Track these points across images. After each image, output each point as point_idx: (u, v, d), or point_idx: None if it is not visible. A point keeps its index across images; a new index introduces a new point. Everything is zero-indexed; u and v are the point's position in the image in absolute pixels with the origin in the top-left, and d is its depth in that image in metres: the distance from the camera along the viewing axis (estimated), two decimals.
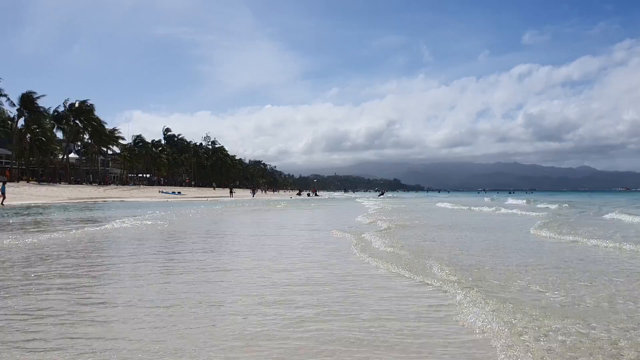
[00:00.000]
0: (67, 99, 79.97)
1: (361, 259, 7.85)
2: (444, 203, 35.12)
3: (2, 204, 31.17)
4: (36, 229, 13.44)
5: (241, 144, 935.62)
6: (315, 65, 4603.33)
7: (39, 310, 4.59)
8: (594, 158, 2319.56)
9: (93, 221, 17.01)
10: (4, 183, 33.78)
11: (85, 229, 13.31)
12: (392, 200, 49.33)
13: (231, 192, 73.41)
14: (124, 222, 15.41)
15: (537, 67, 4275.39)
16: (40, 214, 22.07)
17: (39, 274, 6.46)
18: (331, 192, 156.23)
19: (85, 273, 6.58)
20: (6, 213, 22.16)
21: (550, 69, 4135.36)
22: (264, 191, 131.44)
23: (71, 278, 6.21)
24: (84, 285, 5.76)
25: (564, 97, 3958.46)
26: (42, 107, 73.02)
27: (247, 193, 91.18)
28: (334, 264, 7.33)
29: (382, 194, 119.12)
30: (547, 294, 5.19)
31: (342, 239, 10.80)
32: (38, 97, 71.08)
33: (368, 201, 43.97)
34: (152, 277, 6.32)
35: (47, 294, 5.26)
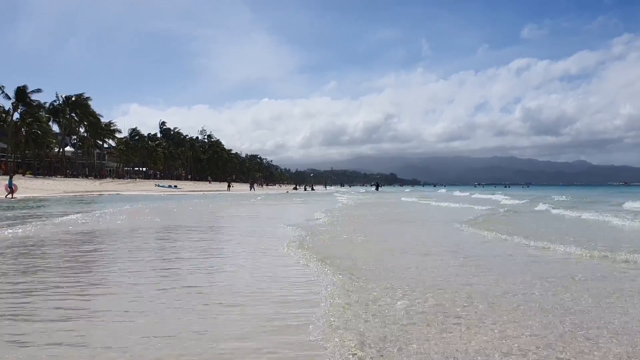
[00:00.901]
0: (59, 93, 79.98)
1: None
2: (412, 197, 35.75)
3: (12, 196, 31.66)
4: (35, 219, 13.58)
5: (238, 137, 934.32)
6: (312, 59, 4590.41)
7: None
8: (590, 152, 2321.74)
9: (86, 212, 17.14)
10: (11, 177, 34.06)
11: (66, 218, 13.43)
12: (371, 195, 49.43)
13: (229, 186, 73.66)
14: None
15: (536, 61, 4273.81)
16: (39, 207, 22.21)
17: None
18: (328, 187, 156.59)
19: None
20: None
21: (549, 63, 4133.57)
22: (261, 185, 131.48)
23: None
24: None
25: (562, 91, 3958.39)
26: (36, 100, 73.00)
27: (244, 187, 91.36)
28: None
29: (378, 188, 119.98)
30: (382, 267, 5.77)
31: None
32: (34, 92, 71.05)
33: (344, 195, 44.59)
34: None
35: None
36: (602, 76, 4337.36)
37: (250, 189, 79.20)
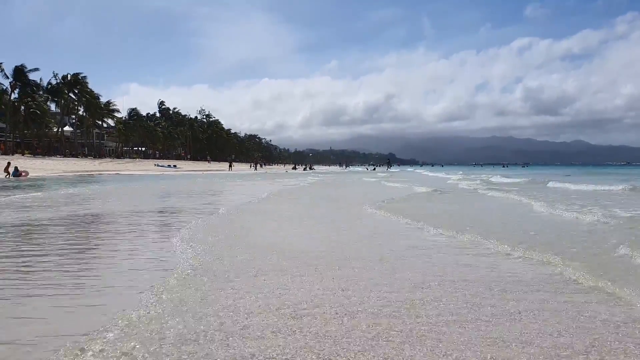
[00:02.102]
0: (56, 72, 79.15)
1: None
2: (371, 178, 37.23)
3: (9, 177, 31.94)
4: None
5: (238, 117, 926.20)
6: (312, 38, 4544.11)
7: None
8: (589, 132, 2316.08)
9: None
10: (16, 168, 33.74)
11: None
12: (340, 175, 49.72)
13: (230, 165, 73.97)
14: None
15: (538, 40, 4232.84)
16: (40, 186, 22.14)
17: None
18: (327, 167, 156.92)
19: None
20: None
21: (551, 43, 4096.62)
22: (261, 165, 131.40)
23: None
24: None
25: (564, 70, 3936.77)
26: (34, 80, 72.32)
27: (244, 167, 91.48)
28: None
29: (375, 168, 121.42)
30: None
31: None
32: (31, 71, 70.34)
33: (319, 175, 46.24)
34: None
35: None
36: (605, 55, 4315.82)
37: (255, 168, 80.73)
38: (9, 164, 34.65)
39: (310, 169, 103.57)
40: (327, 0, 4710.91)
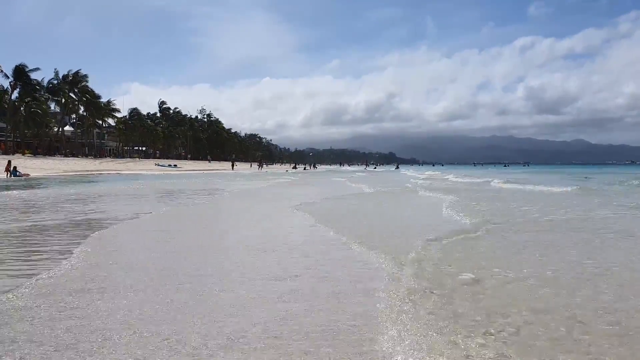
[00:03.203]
0: (57, 70, 79.21)
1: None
2: (342, 177, 36.39)
3: (8, 176, 31.99)
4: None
5: (239, 117, 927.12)
6: (312, 37, 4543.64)
7: None
8: (590, 131, 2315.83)
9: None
10: (15, 168, 33.73)
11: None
12: (314, 175, 49.47)
13: (233, 165, 74.92)
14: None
15: (540, 39, 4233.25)
16: (40, 186, 22.11)
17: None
18: (328, 166, 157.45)
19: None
20: None
21: (553, 42, 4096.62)
22: (263, 165, 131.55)
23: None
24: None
25: (566, 70, 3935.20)
26: (35, 79, 72.37)
27: (245, 166, 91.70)
28: None
29: (375, 167, 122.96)
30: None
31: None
32: (32, 71, 70.39)
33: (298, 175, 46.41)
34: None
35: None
36: (607, 54, 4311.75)
37: (259, 167, 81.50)
38: (9, 162, 34.56)
39: (314, 167, 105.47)
40: (328, 0, 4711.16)
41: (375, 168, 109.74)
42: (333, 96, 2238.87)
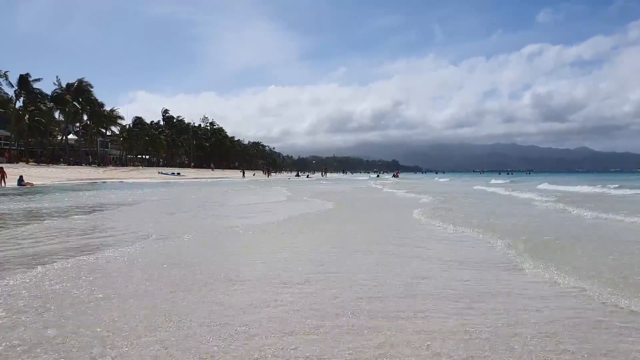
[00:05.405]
0: (59, 79, 79.60)
1: None
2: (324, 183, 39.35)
3: (4, 185, 31.76)
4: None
5: (245, 124, 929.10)
6: (316, 45, 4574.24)
7: None
8: (594, 139, 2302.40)
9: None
10: (21, 177, 33.20)
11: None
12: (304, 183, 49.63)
13: (243, 173, 78.91)
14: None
15: (548, 46, 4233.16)
16: (46, 193, 22.09)
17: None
18: (330, 173, 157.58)
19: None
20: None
21: (561, 49, 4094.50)
22: (269, 174, 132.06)
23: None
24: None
25: (573, 77, 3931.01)
26: (38, 88, 72.79)
27: (248, 174, 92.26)
28: None
29: (378, 175, 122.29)
30: None
31: None
32: (36, 80, 70.86)
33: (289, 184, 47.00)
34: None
35: None
36: (615, 61, 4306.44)
37: (267, 175, 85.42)
38: (1, 169, 32.74)
39: (325, 173, 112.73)
40: (331, 8, 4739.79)
41: (378, 176, 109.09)
42: (339, 103, 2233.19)
